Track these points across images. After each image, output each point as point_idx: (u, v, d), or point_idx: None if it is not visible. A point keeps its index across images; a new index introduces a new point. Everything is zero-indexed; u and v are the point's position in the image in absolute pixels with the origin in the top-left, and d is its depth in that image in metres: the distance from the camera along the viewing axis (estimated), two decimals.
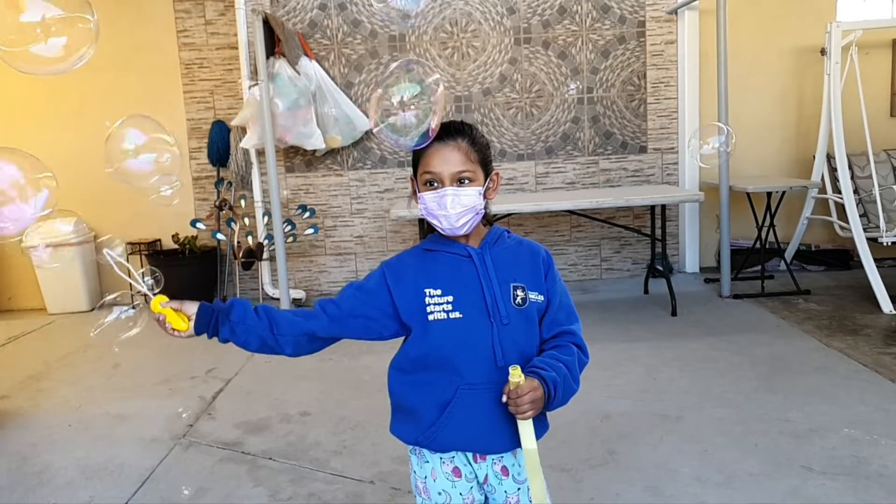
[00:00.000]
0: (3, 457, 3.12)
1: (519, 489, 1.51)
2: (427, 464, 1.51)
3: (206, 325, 1.45)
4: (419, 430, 1.46)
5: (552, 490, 1.64)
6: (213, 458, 2.99)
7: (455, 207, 1.42)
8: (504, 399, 1.35)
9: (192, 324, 1.44)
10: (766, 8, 5.74)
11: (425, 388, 1.45)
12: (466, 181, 1.43)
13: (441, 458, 1.49)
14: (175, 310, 1.45)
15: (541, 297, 1.48)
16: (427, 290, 1.45)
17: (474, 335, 1.43)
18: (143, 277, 1.98)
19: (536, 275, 1.50)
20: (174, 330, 1.44)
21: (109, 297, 1.67)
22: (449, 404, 1.43)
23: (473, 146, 1.45)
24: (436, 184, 1.44)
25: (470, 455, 1.50)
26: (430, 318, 1.43)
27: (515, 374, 1.32)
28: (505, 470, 1.51)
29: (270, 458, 2.96)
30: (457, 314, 1.43)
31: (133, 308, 1.59)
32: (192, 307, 1.46)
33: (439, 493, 1.49)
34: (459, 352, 1.42)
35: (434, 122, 1.41)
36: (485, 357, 1.43)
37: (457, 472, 1.49)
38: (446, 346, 1.42)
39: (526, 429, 1.35)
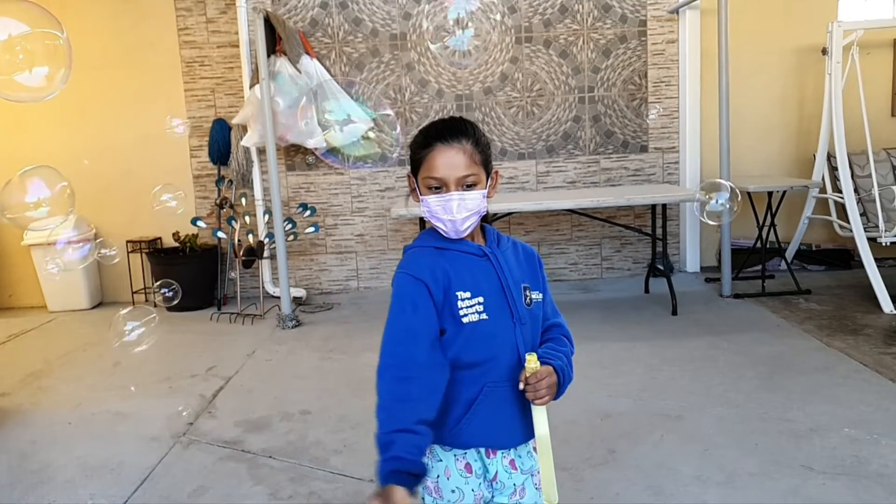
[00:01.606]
0: (3, 454, 3.12)
1: (525, 480, 1.53)
2: (440, 462, 1.49)
3: (416, 483, 1.29)
4: (445, 428, 1.45)
5: None
6: (214, 457, 2.99)
7: (461, 212, 1.41)
8: (521, 386, 1.39)
9: (410, 498, 1.26)
10: (767, 7, 5.74)
11: (451, 387, 1.44)
12: (471, 185, 1.42)
13: (455, 456, 1.48)
14: None
15: (540, 297, 1.53)
16: (458, 294, 1.42)
17: (501, 336, 1.45)
18: (159, 289, 2.01)
19: (535, 275, 1.54)
20: None
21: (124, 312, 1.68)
22: (475, 402, 1.44)
23: (477, 147, 1.44)
24: (441, 188, 1.42)
25: (483, 451, 1.50)
26: (465, 320, 1.41)
27: (532, 361, 1.38)
28: (513, 463, 1.52)
29: (271, 457, 2.96)
30: (485, 316, 1.43)
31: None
32: (396, 494, 1.24)
33: (452, 491, 1.48)
34: (489, 353, 1.43)
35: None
36: (510, 356, 1.45)
37: (469, 468, 1.49)
38: (477, 347, 1.43)
39: (540, 415, 1.41)
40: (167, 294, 2.35)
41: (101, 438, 3.25)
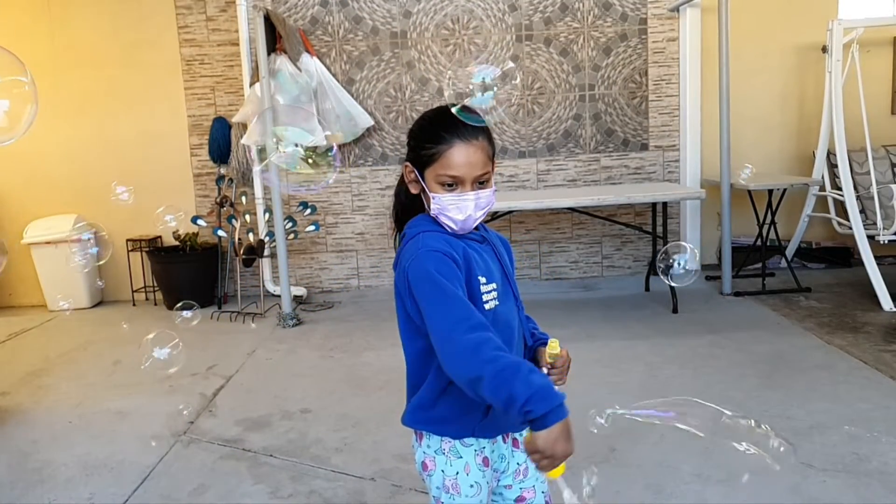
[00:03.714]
0: (3, 453, 3.12)
1: (527, 458, 1.53)
2: (460, 459, 1.47)
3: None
4: (475, 421, 1.44)
5: (553, 486, 1.64)
6: (214, 456, 2.99)
7: (477, 211, 1.40)
8: (545, 371, 1.43)
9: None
10: (767, 5, 5.73)
11: None
12: (485, 182, 1.41)
13: (475, 451, 1.48)
14: None
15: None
16: (480, 278, 1.41)
17: (511, 320, 1.47)
18: (180, 310, 2.03)
19: (511, 261, 1.59)
20: None
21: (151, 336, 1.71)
22: None
23: (490, 142, 1.42)
24: (455, 186, 1.39)
25: (501, 437, 1.52)
26: (487, 307, 1.41)
27: (555, 346, 1.42)
28: (515, 442, 1.55)
29: (271, 456, 2.96)
30: (497, 301, 1.44)
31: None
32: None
33: (471, 486, 1.47)
34: (506, 338, 1.44)
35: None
36: (518, 340, 1.49)
37: (486, 461, 1.49)
38: (498, 334, 1.41)
39: None
40: (187, 315, 2.37)
41: (101, 437, 3.25)
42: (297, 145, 1.50)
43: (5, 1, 5.65)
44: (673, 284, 1.76)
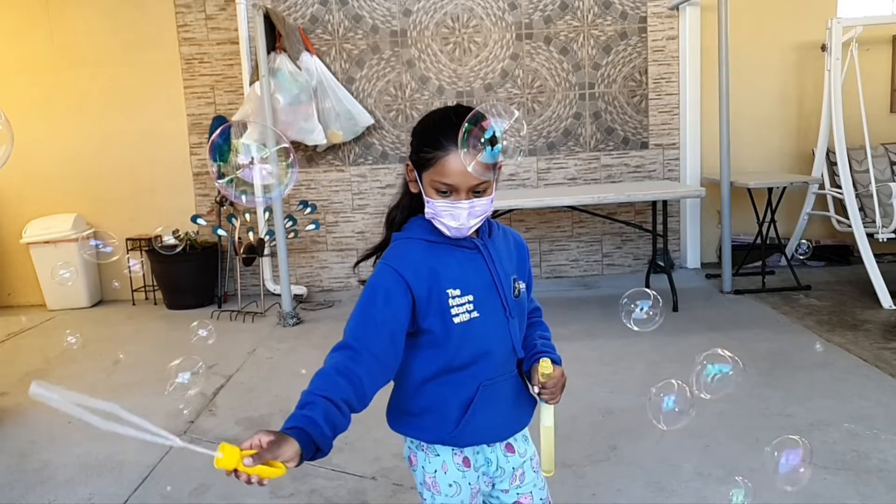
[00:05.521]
0: (2, 454, 3.12)
1: (523, 463, 1.53)
2: (438, 457, 1.47)
3: (312, 454, 1.22)
4: (445, 431, 1.43)
5: (553, 485, 1.64)
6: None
7: (471, 220, 1.37)
8: (536, 390, 1.42)
9: (293, 463, 1.20)
10: (767, 4, 5.73)
11: (446, 390, 1.42)
12: (482, 191, 1.36)
13: (453, 450, 1.46)
14: (266, 463, 1.18)
15: (524, 285, 1.52)
16: (449, 291, 1.38)
17: (494, 333, 1.43)
18: (198, 329, 2.03)
19: (523, 265, 1.55)
20: (269, 479, 1.19)
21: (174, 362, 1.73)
22: (471, 402, 1.41)
23: None
24: (449, 192, 1.35)
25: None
26: (456, 320, 1.37)
27: (547, 367, 1.39)
28: (510, 447, 1.52)
29: None
30: (476, 314, 1.39)
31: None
32: (287, 448, 1.18)
33: (450, 486, 1.47)
34: (482, 351, 1.41)
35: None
36: (504, 351, 1.45)
37: (466, 461, 1.47)
38: (469, 347, 1.40)
39: (547, 410, 1.45)
40: (202, 334, 2.39)
41: (101, 437, 3.23)
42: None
43: (5, 1, 5.64)
44: (635, 328, 1.76)
